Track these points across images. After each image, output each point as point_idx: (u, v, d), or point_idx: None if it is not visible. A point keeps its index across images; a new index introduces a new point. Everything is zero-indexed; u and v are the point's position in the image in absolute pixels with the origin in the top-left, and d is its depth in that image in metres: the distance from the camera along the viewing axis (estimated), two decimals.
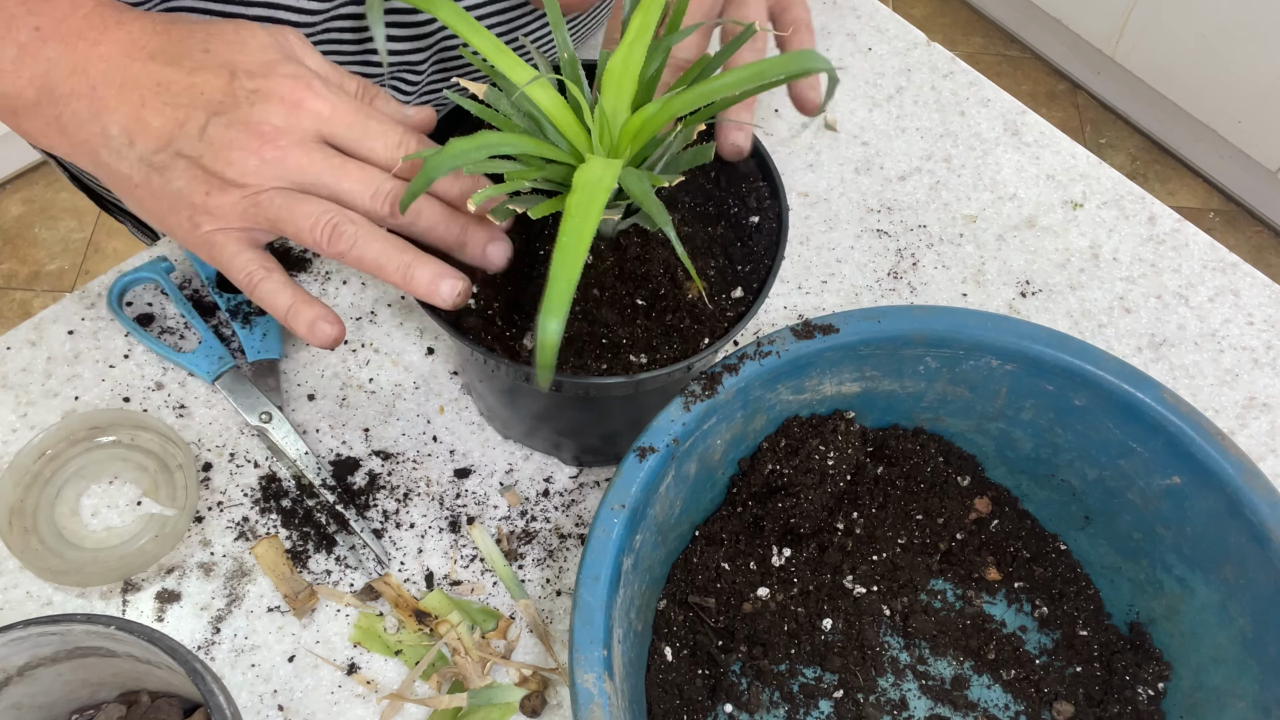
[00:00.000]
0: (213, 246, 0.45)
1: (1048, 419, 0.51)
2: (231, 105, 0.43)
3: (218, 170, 0.43)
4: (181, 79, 0.44)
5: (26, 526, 0.53)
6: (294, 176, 0.43)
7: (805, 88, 0.52)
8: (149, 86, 0.44)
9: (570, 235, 0.36)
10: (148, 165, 0.44)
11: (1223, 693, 0.47)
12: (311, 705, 0.50)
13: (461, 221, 0.46)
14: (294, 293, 0.45)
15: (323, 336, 0.45)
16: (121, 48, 0.44)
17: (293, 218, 0.43)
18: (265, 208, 0.43)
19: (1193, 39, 1.70)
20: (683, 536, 0.51)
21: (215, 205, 0.43)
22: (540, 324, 0.34)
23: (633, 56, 0.42)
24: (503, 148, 0.41)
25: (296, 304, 0.45)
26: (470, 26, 0.43)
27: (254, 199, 0.43)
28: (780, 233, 0.50)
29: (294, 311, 0.45)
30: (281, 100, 0.43)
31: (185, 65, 0.44)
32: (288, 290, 0.45)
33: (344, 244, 0.43)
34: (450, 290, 0.44)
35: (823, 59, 0.40)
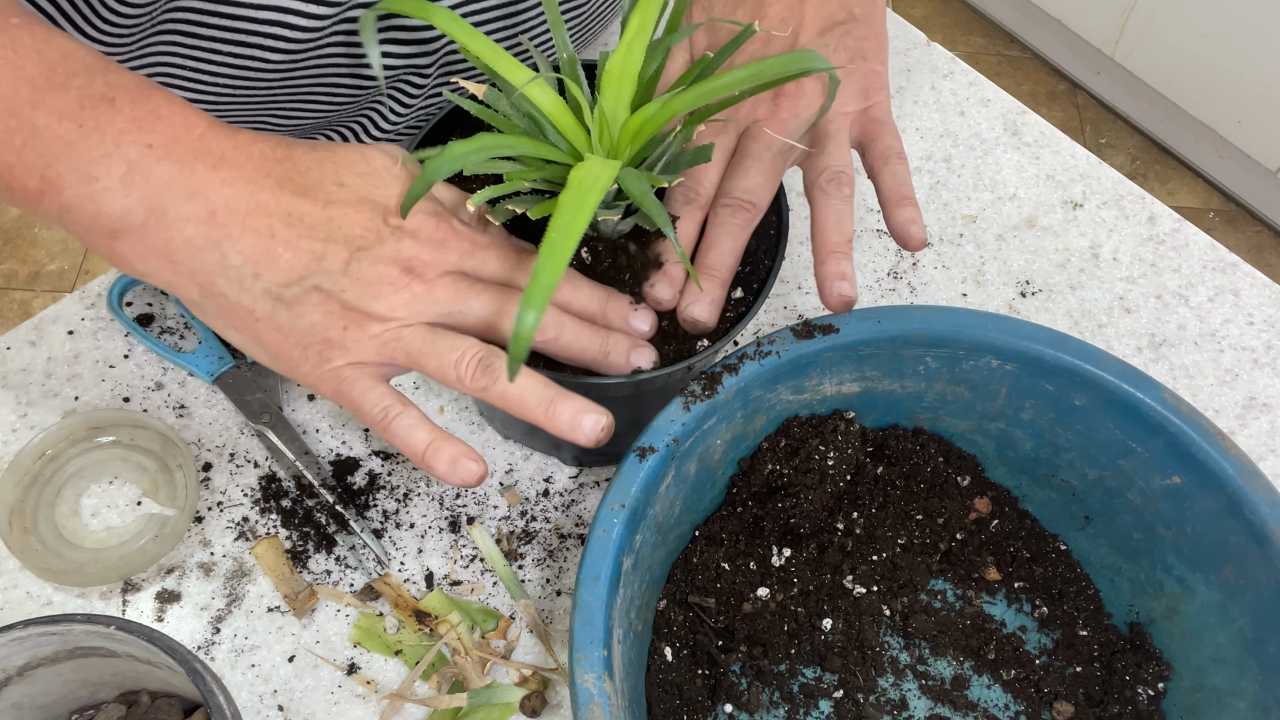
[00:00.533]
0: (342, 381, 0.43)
1: (1048, 419, 0.51)
2: (376, 242, 0.42)
3: (363, 306, 0.41)
4: (316, 212, 0.42)
5: (26, 526, 0.53)
6: (439, 308, 0.42)
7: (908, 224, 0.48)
8: (279, 217, 0.42)
9: (559, 231, 0.36)
10: (275, 298, 0.42)
11: (1223, 693, 0.47)
12: (311, 705, 0.50)
13: (603, 334, 0.45)
14: (431, 430, 0.43)
15: (466, 475, 0.42)
16: (245, 173, 0.42)
17: (436, 352, 0.42)
18: (408, 342, 0.42)
19: (1193, 39, 1.70)
20: (683, 536, 0.51)
21: (353, 340, 0.42)
22: (517, 316, 0.34)
23: (632, 56, 0.42)
24: (502, 149, 0.41)
25: (435, 441, 0.43)
26: (467, 32, 0.43)
27: (397, 334, 0.42)
28: (780, 233, 0.50)
29: (433, 449, 0.42)
30: (428, 238, 0.43)
31: (319, 198, 0.42)
32: (424, 427, 0.43)
33: (489, 378, 0.42)
34: (593, 426, 0.42)
35: (821, 59, 0.40)
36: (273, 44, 0.57)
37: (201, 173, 0.41)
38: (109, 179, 0.40)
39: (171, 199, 0.41)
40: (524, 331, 0.35)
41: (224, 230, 0.41)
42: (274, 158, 0.43)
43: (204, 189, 0.41)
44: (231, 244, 0.41)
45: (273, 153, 0.43)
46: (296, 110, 0.63)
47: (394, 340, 0.42)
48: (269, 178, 0.42)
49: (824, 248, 0.47)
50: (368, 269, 0.42)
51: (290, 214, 0.42)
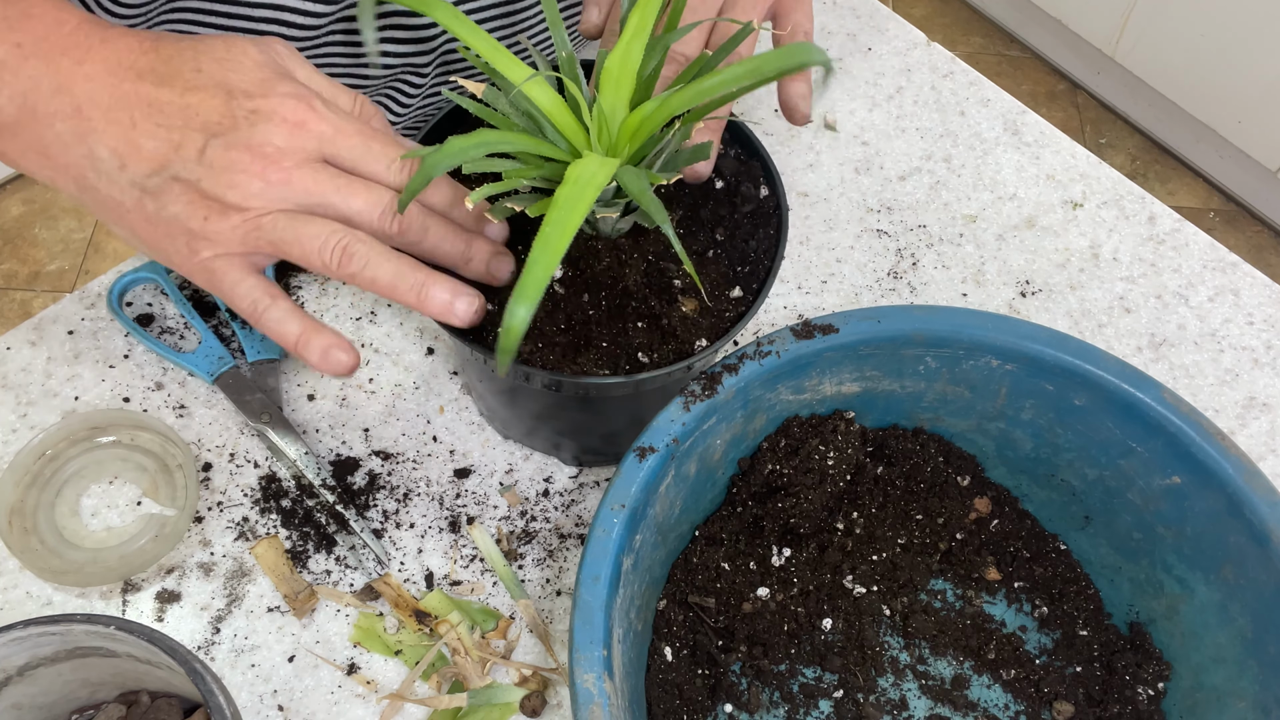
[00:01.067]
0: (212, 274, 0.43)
1: (1048, 419, 0.51)
2: (230, 127, 0.42)
3: (218, 194, 0.41)
4: (174, 100, 0.42)
5: (26, 526, 0.53)
6: (299, 198, 0.42)
7: (796, 98, 0.51)
8: (139, 107, 0.42)
9: (554, 226, 0.36)
10: (140, 189, 0.42)
11: (1223, 693, 0.47)
12: (311, 705, 0.50)
13: (466, 237, 0.45)
14: (302, 320, 0.43)
15: (336, 364, 0.43)
16: (107, 66, 0.42)
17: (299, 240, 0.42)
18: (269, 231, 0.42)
19: (1193, 39, 1.70)
20: (683, 536, 0.51)
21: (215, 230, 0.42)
22: (509, 308, 0.34)
23: (631, 55, 0.42)
24: (501, 146, 0.41)
25: (306, 332, 0.43)
26: (467, 27, 0.42)
27: (256, 222, 0.42)
28: (780, 233, 0.50)
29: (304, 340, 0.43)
30: (284, 120, 0.42)
31: (177, 85, 0.42)
32: (295, 318, 0.43)
33: (355, 265, 0.42)
34: (467, 308, 0.43)
35: (819, 51, 0.40)
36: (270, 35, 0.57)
37: (67, 68, 0.42)
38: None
39: (39, 96, 0.42)
40: (515, 325, 0.35)
41: (89, 124, 0.42)
42: (139, 49, 0.43)
43: (69, 84, 0.42)
44: (97, 137, 0.42)
45: (138, 44, 0.43)
46: None
47: (254, 230, 0.42)
48: (131, 69, 0.42)
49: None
50: (221, 155, 0.41)
51: (150, 103, 0.42)
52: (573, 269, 0.48)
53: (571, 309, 0.47)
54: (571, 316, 0.47)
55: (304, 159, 0.42)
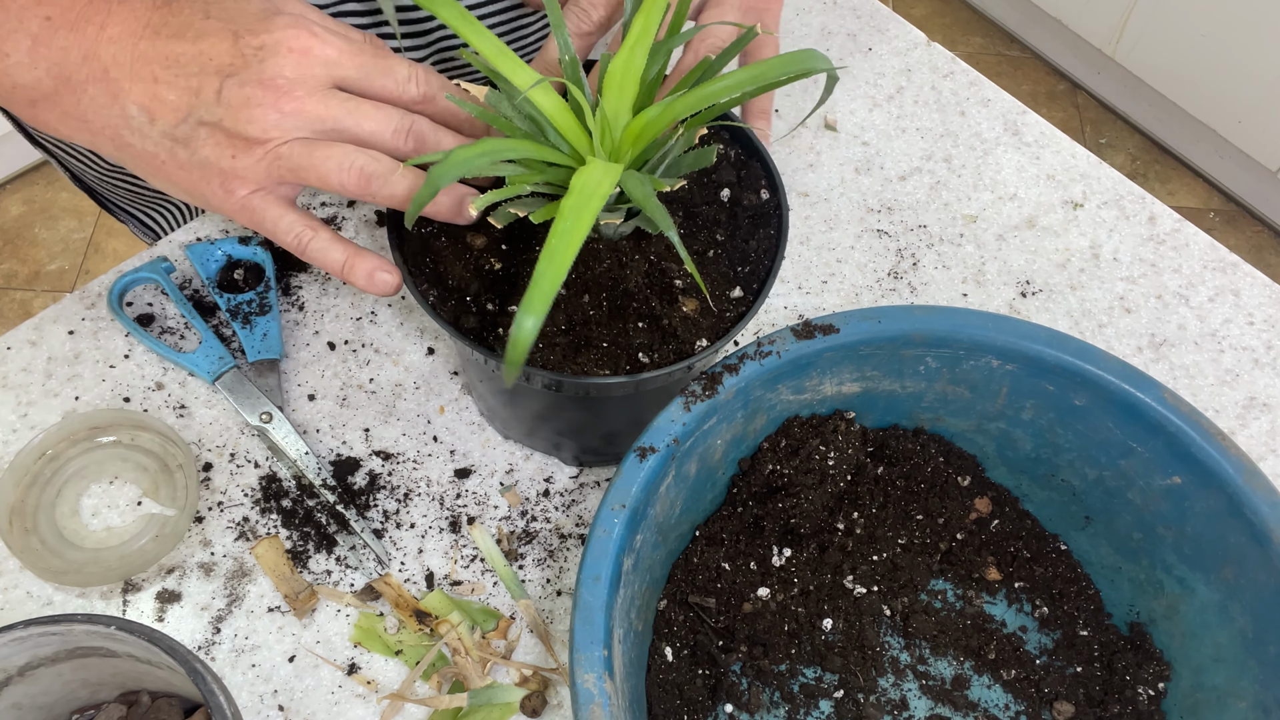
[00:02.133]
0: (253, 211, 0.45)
1: (1048, 419, 0.51)
2: (242, 66, 0.43)
3: (239, 130, 0.43)
4: (188, 49, 0.44)
5: (27, 526, 0.53)
6: (314, 125, 0.44)
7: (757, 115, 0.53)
8: (159, 62, 0.44)
9: (560, 238, 0.36)
10: (171, 139, 0.44)
11: (1223, 693, 0.47)
12: (312, 705, 0.50)
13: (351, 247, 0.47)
14: (345, 246, 0.45)
15: (383, 285, 0.45)
16: (127, 28, 0.44)
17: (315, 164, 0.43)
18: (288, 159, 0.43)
19: (1193, 39, 1.70)
20: (683, 536, 0.51)
21: (243, 167, 0.44)
22: (516, 320, 0.34)
23: (634, 59, 0.42)
24: (505, 154, 0.41)
25: (350, 257, 0.45)
26: (473, 27, 0.43)
27: (276, 152, 0.43)
28: (780, 233, 0.50)
29: (349, 265, 0.45)
30: (290, 50, 0.44)
31: (189, 35, 0.44)
32: (338, 245, 0.45)
33: (375, 184, 0.43)
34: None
35: (823, 58, 0.40)
36: None
37: (91, 35, 0.44)
38: (18, 54, 0.44)
39: (70, 64, 0.44)
40: (522, 337, 0.35)
41: (117, 84, 0.44)
42: (152, 5, 0.45)
43: (95, 49, 0.44)
44: (126, 96, 0.44)
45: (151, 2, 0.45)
46: None
47: (275, 160, 0.44)
48: (147, 27, 0.44)
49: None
50: (236, 93, 0.43)
51: (167, 56, 0.44)
52: (574, 270, 0.48)
53: (572, 309, 0.47)
54: (572, 317, 0.47)
55: (315, 86, 0.44)
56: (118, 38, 0.44)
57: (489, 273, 0.48)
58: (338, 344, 0.61)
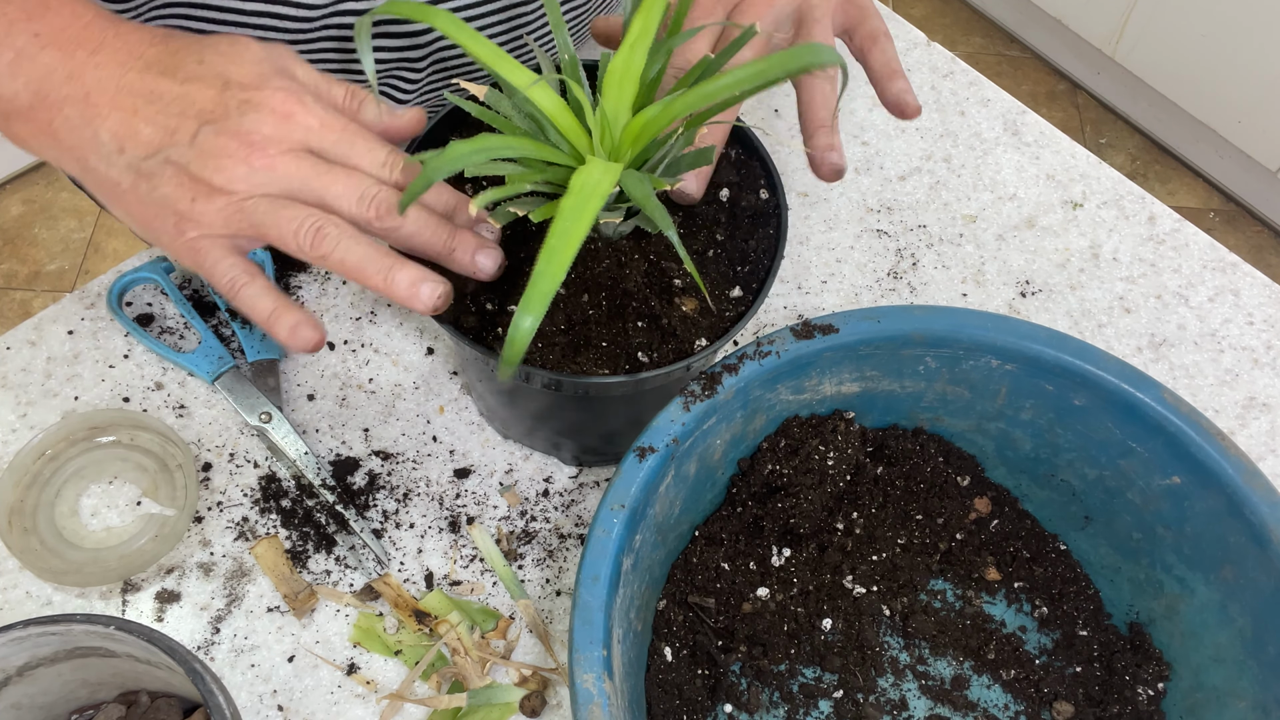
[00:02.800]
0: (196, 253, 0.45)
1: (1048, 419, 0.51)
2: (222, 115, 0.44)
3: (205, 177, 0.43)
4: (174, 89, 0.44)
5: (26, 526, 0.53)
6: (281, 184, 0.44)
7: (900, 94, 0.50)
8: (142, 95, 0.44)
9: (559, 237, 0.36)
10: (135, 172, 0.44)
11: (1222, 693, 0.47)
12: (311, 705, 0.50)
13: (449, 228, 0.46)
14: (276, 298, 0.45)
15: (303, 341, 0.45)
16: (118, 57, 0.45)
17: (276, 222, 0.43)
18: (250, 214, 0.43)
19: (1193, 39, 1.70)
20: (682, 536, 0.51)
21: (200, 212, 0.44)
22: (515, 319, 0.34)
23: (634, 58, 0.42)
24: (503, 150, 0.41)
25: (278, 309, 0.45)
26: (468, 34, 0.43)
27: (239, 205, 0.43)
28: (780, 233, 0.50)
29: (275, 316, 0.45)
30: (272, 111, 0.44)
31: (179, 76, 0.44)
32: (269, 295, 0.45)
33: (326, 246, 0.43)
34: (430, 294, 0.43)
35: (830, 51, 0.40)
36: (262, 35, 0.57)
37: (80, 58, 0.44)
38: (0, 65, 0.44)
39: (52, 83, 0.44)
40: (520, 336, 0.35)
41: (95, 110, 0.44)
42: (148, 42, 0.45)
43: (81, 72, 0.44)
44: (101, 122, 0.44)
45: (149, 38, 0.45)
46: None
47: (237, 213, 0.44)
48: (139, 60, 0.45)
49: (812, 123, 0.49)
50: (210, 141, 0.43)
51: (152, 91, 0.44)
52: (574, 270, 0.48)
53: (572, 309, 0.47)
54: (572, 316, 0.47)
55: (289, 148, 0.44)
56: (105, 64, 0.44)
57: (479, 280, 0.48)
58: (337, 344, 0.61)
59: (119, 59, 0.45)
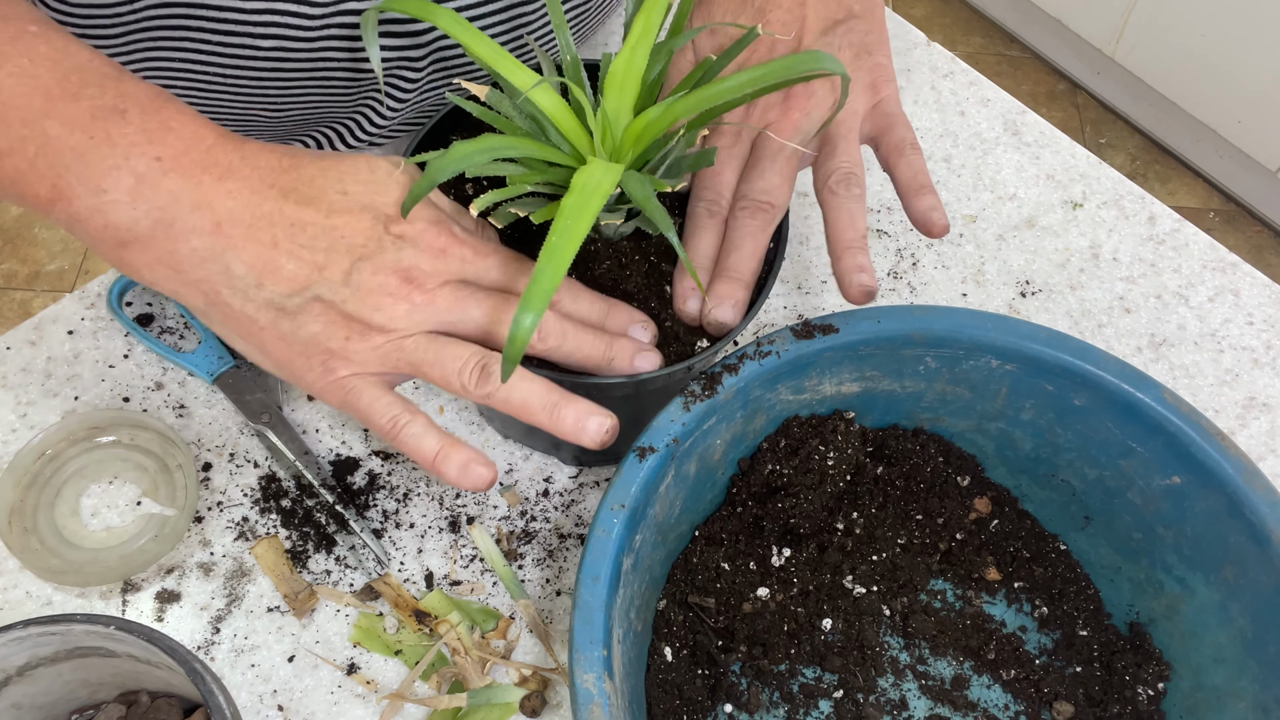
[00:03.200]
0: (348, 392, 0.43)
1: (1048, 419, 0.51)
2: (377, 250, 0.42)
3: (363, 316, 0.42)
4: (319, 220, 0.42)
5: (26, 526, 0.53)
6: (442, 317, 0.42)
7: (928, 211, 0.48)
8: (282, 226, 0.42)
9: (560, 236, 0.36)
10: (277, 309, 0.42)
11: (1223, 693, 0.47)
12: (311, 705, 0.50)
13: (606, 339, 0.45)
14: (440, 436, 0.43)
15: (475, 479, 0.43)
16: (250, 185, 0.42)
17: (440, 361, 0.42)
18: (410, 352, 0.42)
19: (1193, 39, 1.70)
20: (682, 536, 0.51)
21: (355, 350, 0.42)
22: (515, 317, 0.35)
23: (635, 59, 0.42)
24: (505, 151, 0.41)
25: (445, 448, 0.43)
26: (470, 33, 0.43)
27: (399, 344, 0.42)
28: (780, 233, 0.50)
29: (443, 456, 0.43)
30: (429, 246, 0.43)
31: (322, 207, 0.42)
32: (433, 434, 0.43)
33: (491, 385, 0.42)
34: (597, 429, 0.42)
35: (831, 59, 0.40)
36: (266, 33, 0.57)
37: (208, 184, 0.41)
38: (117, 191, 0.41)
39: (178, 211, 0.41)
40: (520, 334, 0.35)
41: (228, 241, 0.41)
42: (280, 168, 0.43)
43: (210, 200, 0.41)
44: (235, 254, 0.42)
45: (279, 163, 0.43)
46: (289, 104, 0.63)
47: (396, 350, 0.42)
48: (274, 188, 0.42)
49: (839, 244, 0.47)
50: (368, 279, 0.42)
51: (293, 223, 0.42)
52: (575, 270, 0.48)
53: None
54: None
55: (446, 280, 0.43)
56: (238, 192, 0.42)
57: None
58: None
59: (252, 186, 0.42)
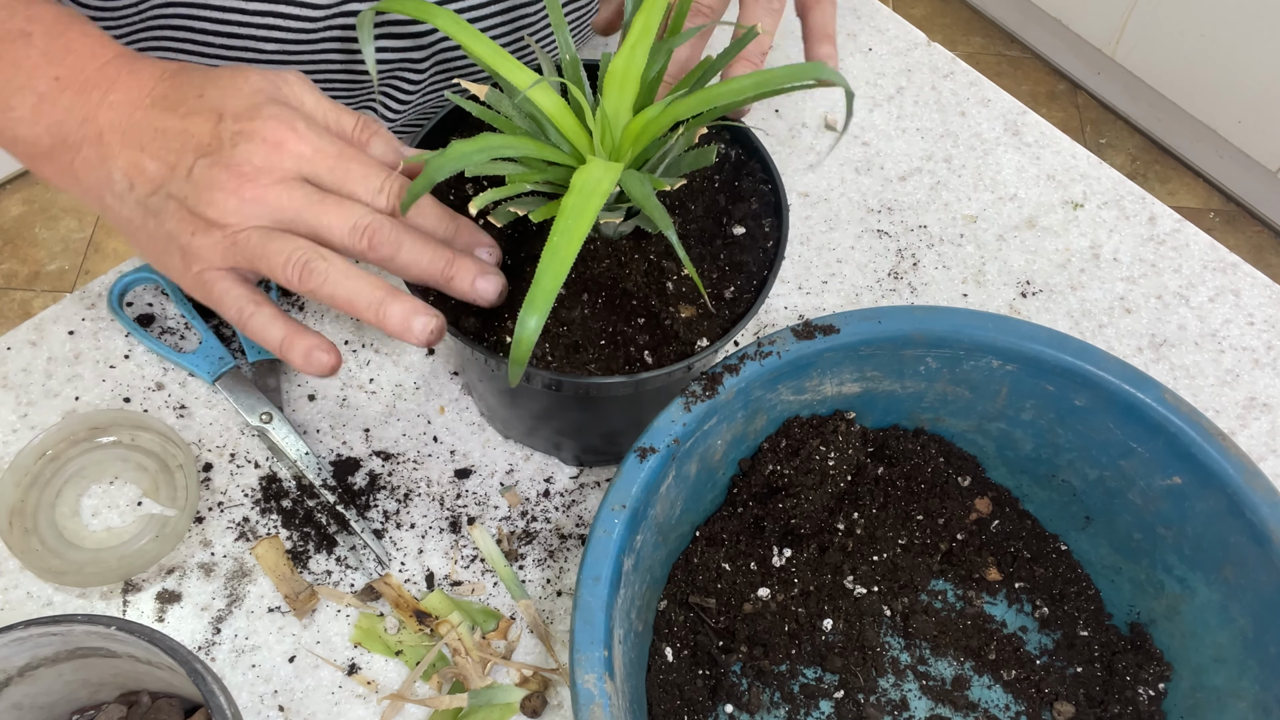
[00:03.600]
0: (204, 285, 0.45)
1: (1048, 419, 0.51)
2: (216, 147, 0.44)
3: (200, 211, 0.43)
4: (176, 124, 0.44)
5: (27, 527, 0.53)
6: (274, 215, 0.43)
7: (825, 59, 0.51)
8: (148, 132, 0.44)
9: (561, 236, 0.36)
10: (144, 209, 0.45)
11: (1223, 693, 0.47)
12: (312, 706, 0.50)
13: (447, 254, 0.45)
14: (286, 324, 0.45)
15: (319, 365, 0.44)
16: (129, 96, 0.45)
17: (266, 255, 0.43)
18: (243, 247, 0.43)
19: (1193, 39, 1.70)
20: (683, 537, 0.51)
21: (199, 246, 0.44)
22: (519, 319, 0.35)
23: (634, 59, 0.42)
24: (504, 150, 0.41)
25: (290, 335, 0.44)
26: (469, 33, 0.43)
27: (233, 238, 0.43)
28: (780, 233, 0.50)
29: (288, 343, 0.44)
30: (264, 141, 0.44)
31: (180, 111, 0.44)
32: (278, 322, 0.45)
33: (315, 281, 0.43)
34: (423, 328, 0.43)
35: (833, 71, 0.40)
36: (266, 35, 0.57)
37: (95, 99, 0.45)
38: (22, 109, 0.45)
39: (70, 125, 0.45)
40: (526, 336, 0.35)
41: (108, 149, 0.45)
42: (158, 77, 0.46)
43: (95, 113, 0.45)
44: (114, 161, 0.45)
45: (159, 74, 0.46)
46: None
47: (231, 245, 0.44)
48: (147, 97, 0.45)
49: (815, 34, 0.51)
50: (204, 174, 0.43)
51: (157, 128, 0.44)
52: (574, 270, 0.48)
53: (572, 309, 0.47)
54: (572, 316, 0.47)
55: (281, 178, 0.44)
56: (118, 104, 0.45)
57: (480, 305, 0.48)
58: (338, 344, 0.61)
59: (130, 98, 0.45)
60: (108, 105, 0.45)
